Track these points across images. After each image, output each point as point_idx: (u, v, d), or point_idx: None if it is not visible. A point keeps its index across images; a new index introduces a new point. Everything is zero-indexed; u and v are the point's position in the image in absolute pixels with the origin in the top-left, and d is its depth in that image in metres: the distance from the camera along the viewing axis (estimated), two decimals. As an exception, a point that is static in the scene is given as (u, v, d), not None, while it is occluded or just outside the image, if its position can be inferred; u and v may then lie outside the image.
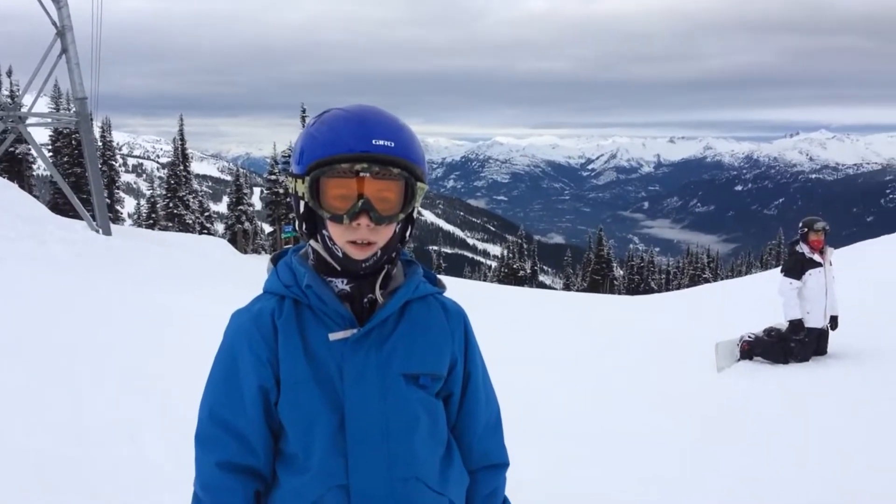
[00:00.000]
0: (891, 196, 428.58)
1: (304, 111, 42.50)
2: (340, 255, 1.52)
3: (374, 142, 1.46)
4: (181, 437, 4.94)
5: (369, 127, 1.48)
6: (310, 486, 1.51)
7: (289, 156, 42.88)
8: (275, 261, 1.67)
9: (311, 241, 1.60)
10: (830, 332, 8.27)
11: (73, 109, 24.51)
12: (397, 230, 1.56)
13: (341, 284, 1.56)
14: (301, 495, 1.52)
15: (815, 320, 8.15)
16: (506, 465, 1.78)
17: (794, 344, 8.18)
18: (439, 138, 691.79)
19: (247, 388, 1.55)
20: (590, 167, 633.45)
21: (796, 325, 8.11)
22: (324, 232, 1.54)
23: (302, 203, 1.54)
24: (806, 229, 8.31)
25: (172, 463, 4.63)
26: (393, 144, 1.48)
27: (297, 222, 1.59)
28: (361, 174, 1.46)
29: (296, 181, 1.53)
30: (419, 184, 1.53)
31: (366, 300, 1.57)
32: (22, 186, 30.47)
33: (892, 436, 5.36)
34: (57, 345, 7.47)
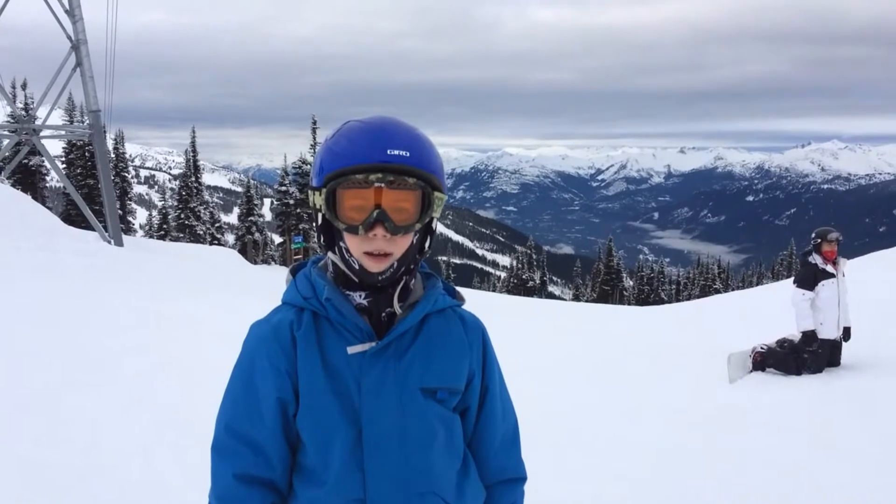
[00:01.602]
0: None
1: (315, 123, 42.75)
2: (357, 266, 1.51)
3: (388, 152, 1.45)
4: (192, 448, 4.95)
5: (384, 137, 1.47)
6: (327, 499, 1.51)
7: (299, 167, 43.10)
8: (294, 272, 1.66)
9: (330, 253, 1.59)
10: (844, 343, 8.22)
11: (87, 122, 24.76)
12: (415, 241, 1.55)
13: (359, 298, 1.55)
14: None
15: (828, 331, 8.09)
16: (523, 479, 1.76)
17: (807, 355, 8.12)
18: (449, 149, 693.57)
19: (265, 400, 1.54)
20: (599, 178, 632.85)
21: (809, 336, 8.05)
22: (341, 244, 1.53)
23: (320, 215, 1.54)
24: (819, 240, 8.27)
25: (184, 474, 4.62)
26: (408, 154, 1.47)
27: (316, 234, 1.58)
28: (377, 185, 1.45)
29: (314, 193, 1.53)
30: (437, 194, 1.52)
31: (384, 314, 1.56)
32: (35, 198, 30.69)
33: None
34: (67, 355, 7.50)
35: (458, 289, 1.71)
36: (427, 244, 1.60)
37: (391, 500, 1.50)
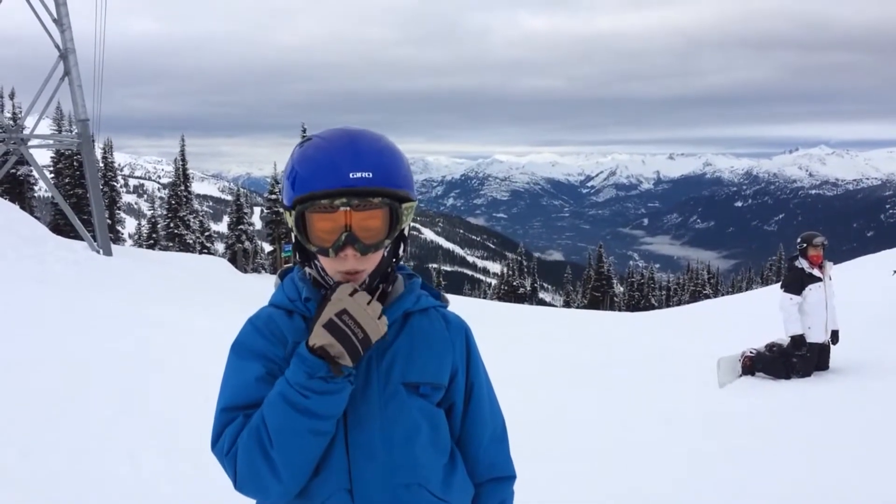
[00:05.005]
0: (891, 211, 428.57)
1: (304, 131, 42.70)
2: (333, 283, 1.56)
3: (351, 175, 1.47)
4: (180, 456, 4.94)
5: (346, 160, 1.48)
6: (315, 488, 1.53)
7: (289, 175, 43.03)
8: (282, 276, 1.71)
9: (307, 268, 1.64)
10: (832, 346, 8.27)
11: (75, 131, 24.64)
12: (387, 252, 1.59)
13: None
14: (307, 497, 1.54)
15: (816, 335, 8.15)
16: (512, 477, 1.79)
17: (795, 359, 8.18)
18: (439, 157, 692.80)
19: (259, 379, 1.54)
20: (589, 184, 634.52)
21: (798, 340, 8.11)
22: (316, 262, 1.60)
23: (293, 233, 1.58)
24: (805, 244, 8.34)
25: (171, 481, 4.61)
26: (371, 175, 1.48)
27: (292, 250, 1.63)
28: (342, 208, 1.47)
29: (285, 213, 1.58)
30: (405, 205, 1.55)
31: None
32: (23, 208, 30.48)
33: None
34: (56, 364, 7.46)
35: (446, 295, 1.75)
36: (400, 251, 1.64)
37: (377, 491, 1.54)
